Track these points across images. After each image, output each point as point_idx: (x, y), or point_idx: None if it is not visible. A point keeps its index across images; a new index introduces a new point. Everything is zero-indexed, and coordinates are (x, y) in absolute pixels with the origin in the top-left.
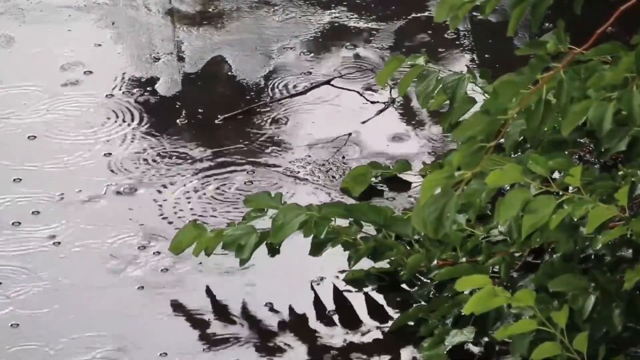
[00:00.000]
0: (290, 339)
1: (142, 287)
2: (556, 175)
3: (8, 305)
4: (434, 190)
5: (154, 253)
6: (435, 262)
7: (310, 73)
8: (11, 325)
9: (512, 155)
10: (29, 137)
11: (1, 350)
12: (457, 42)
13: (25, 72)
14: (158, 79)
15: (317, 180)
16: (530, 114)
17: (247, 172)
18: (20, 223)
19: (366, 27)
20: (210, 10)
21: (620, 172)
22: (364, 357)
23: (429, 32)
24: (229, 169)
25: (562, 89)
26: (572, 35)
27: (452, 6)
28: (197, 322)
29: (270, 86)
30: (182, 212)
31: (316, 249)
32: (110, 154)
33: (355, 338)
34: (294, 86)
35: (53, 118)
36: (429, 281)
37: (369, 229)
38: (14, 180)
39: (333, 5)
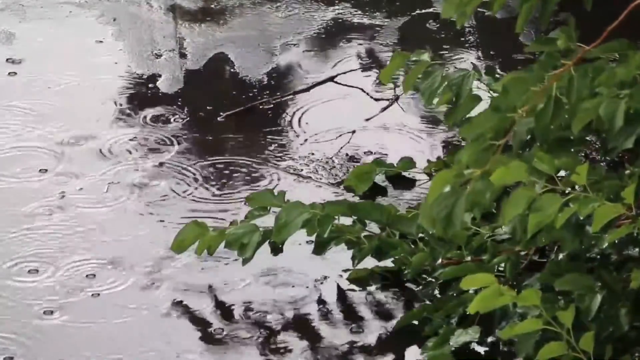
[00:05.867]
0: (294, 338)
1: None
2: (562, 173)
3: None
4: (443, 188)
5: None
6: (440, 260)
7: (314, 70)
8: None
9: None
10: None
11: None
12: (462, 39)
13: (25, 70)
14: (160, 75)
15: (320, 178)
16: (540, 112)
17: (250, 170)
18: None
19: (370, 23)
20: (212, 6)
21: (627, 171)
22: (368, 356)
23: (434, 28)
24: (231, 167)
25: (572, 87)
26: (579, 33)
27: (460, 2)
28: (199, 322)
29: (273, 83)
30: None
31: (319, 248)
32: (111, 152)
33: (359, 337)
34: (297, 83)
35: (55, 115)
36: (433, 280)
37: (373, 228)
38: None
39: (336, 2)
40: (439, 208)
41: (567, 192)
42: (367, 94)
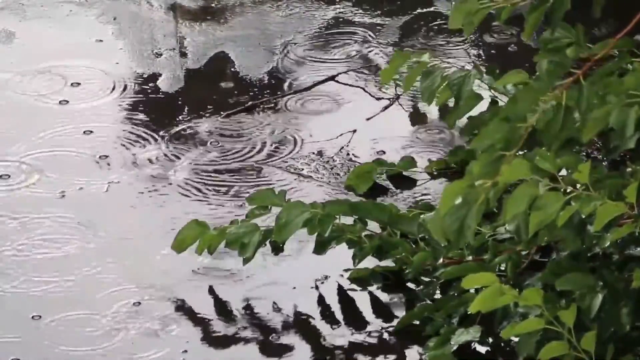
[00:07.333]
0: (294, 338)
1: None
2: (563, 172)
3: None
4: (455, 200)
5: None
6: (441, 260)
7: (314, 69)
8: None
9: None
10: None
11: None
12: (463, 38)
13: (25, 69)
14: (160, 75)
15: (321, 178)
16: (550, 120)
17: (251, 169)
18: None
19: (371, 22)
20: (213, 5)
21: (629, 169)
22: (369, 356)
23: (435, 27)
24: (232, 166)
25: (582, 96)
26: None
27: (467, 12)
28: (200, 322)
29: (273, 82)
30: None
31: (320, 247)
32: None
33: (360, 337)
34: (298, 82)
35: (55, 115)
36: (434, 280)
37: (374, 227)
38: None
39: (337, 0)
40: (451, 220)
41: (569, 190)
42: (368, 93)
